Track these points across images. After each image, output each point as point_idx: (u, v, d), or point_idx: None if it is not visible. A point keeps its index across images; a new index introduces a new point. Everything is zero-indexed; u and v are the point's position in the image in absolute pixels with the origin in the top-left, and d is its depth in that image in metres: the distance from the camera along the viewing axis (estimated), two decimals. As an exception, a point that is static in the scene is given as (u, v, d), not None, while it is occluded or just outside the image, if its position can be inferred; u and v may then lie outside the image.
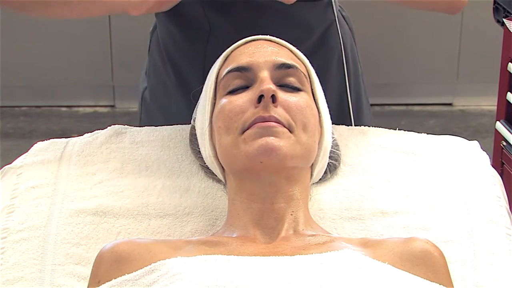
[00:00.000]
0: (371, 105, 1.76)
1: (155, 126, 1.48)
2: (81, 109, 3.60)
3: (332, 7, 1.53)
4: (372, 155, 1.43)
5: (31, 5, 1.39)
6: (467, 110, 3.56)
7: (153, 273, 1.10)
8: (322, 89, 1.35)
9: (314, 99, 1.31)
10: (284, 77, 1.28)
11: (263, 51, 1.30)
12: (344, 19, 1.59)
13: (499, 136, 2.14)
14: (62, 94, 3.60)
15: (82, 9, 1.40)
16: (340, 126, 1.48)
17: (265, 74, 1.26)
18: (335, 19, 1.53)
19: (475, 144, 1.50)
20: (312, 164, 1.29)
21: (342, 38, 1.55)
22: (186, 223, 1.36)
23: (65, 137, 1.51)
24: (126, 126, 1.50)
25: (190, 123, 1.41)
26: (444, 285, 1.14)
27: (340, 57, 1.57)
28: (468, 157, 1.45)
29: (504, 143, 2.11)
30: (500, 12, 2.14)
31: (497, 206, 1.38)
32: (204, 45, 1.51)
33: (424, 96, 3.52)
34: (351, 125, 1.56)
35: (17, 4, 1.39)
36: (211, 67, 1.35)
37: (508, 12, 2.11)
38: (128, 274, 1.12)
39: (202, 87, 1.36)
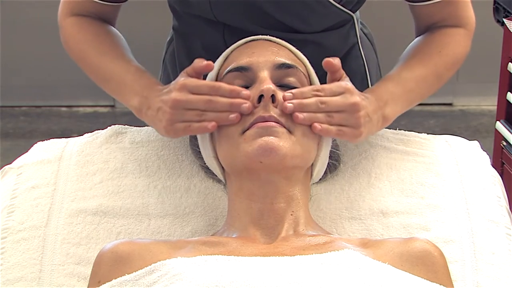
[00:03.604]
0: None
1: None
2: (81, 109, 3.60)
3: (355, 29, 1.49)
4: (372, 155, 1.43)
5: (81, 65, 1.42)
6: (467, 110, 3.55)
7: (153, 273, 1.10)
8: None
9: (314, 99, 1.30)
10: (284, 77, 1.28)
11: (263, 51, 1.30)
12: (367, 36, 1.56)
13: (499, 136, 2.15)
14: (62, 94, 3.60)
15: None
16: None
17: (265, 74, 1.25)
18: (358, 42, 1.51)
19: (475, 144, 1.50)
20: (312, 164, 1.29)
21: (366, 60, 1.52)
22: (186, 223, 1.36)
23: (65, 137, 1.51)
24: (126, 126, 1.50)
25: None
26: (444, 285, 1.14)
27: (364, 79, 1.54)
28: (468, 157, 1.45)
29: (504, 143, 2.12)
30: (500, 12, 2.14)
31: (497, 206, 1.38)
32: None
33: (424, 96, 3.51)
34: None
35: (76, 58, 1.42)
36: None
37: (508, 12, 2.11)
38: (128, 274, 1.12)
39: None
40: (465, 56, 1.42)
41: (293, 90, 1.24)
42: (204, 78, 1.34)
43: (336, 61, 1.26)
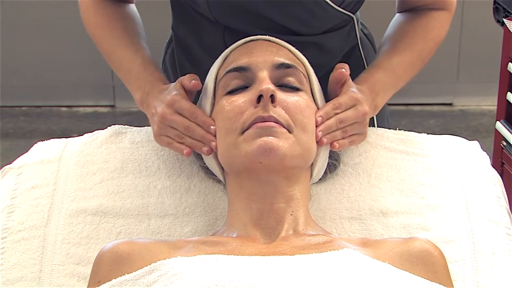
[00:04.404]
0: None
1: None
2: (81, 109, 3.60)
3: (355, 31, 1.50)
4: (372, 155, 1.43)
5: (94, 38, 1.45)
6: (467, 110, 3.55)
7: (153, 273, 1.10)
8: None
9: (314, 99, 1.31)
10: (283, 77, 1.28)
11: (262, 51, 1.30)
12: (367, 37, 1.56)
13: (499, 136, 2.15)
14: (62, 94, 3.60)
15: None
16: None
17: (264, 74, 1.26)
18: (358, 43, 1.51)
19: (475, 144, 1.50)
20: (312, 164, 1.29)
21: (366, 60, 1.53)
22: (186, 223, 1.36)
23: (65, 137, 1.51)
24: (126, 126, 1.50)
25: None
26: (444, 285, 1.14)
27: None
28: (468, 157, 1.45)
29: (504, 143, 2.12)
30: (500, 12, 2.14)
31: (497, 206, 1.38)
32: None
33: (424, 96, 3.51)
34: None
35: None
36: None
37: (508, 12, 2.11)
38: (128, 274, 1.12)
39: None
40: (444, 37, 1.46)
41: (320, 113, 1.28)
42: (204, 76, 1.34)
43: (347, 72, 1.32)
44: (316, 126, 1.27)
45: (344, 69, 1.31)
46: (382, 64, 1.40)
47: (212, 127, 1.27)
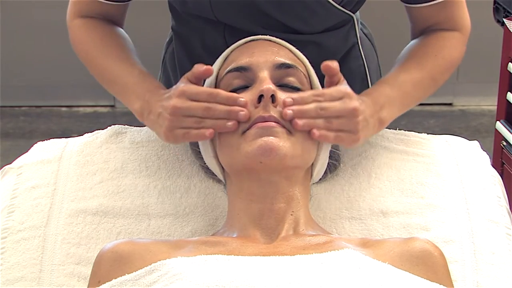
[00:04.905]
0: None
1: None
2: (81, 109, 3.60)
3: (355, 30, 1.49)
4: (372, 155, 1.43)
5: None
6: (467, 110, 3.56)
7: (153, 273, 1.10)
8: None
9: (314, 99, 1.30)
10: (284, 77, 1.28)
11: (262, 51, 1.30)
12: (367, 37, 1.56)
13: (499, 136, 2.15)
14: (62, 94, 3.60)
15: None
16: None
17: (264, 74, 1.25)
18: (357, 42, 1.51)
19: (475, 144, 1.50)
20: (312, 164, 1.29)
21: (366, 60, 1.52)
22: (186, 223, 1.36)
23: (65, 137, 1.51)
24: (126, 126, 1.50)
25: None
26: (444, 285, 1.14)
27: (364, 80, 1.54)
28: (468, 157, 1.45)
29: (504, 143, 2.12)
30: (500, 12, 2.14)
31: (497, 206, 1.38)
32: None
33: (424, 96, 3.51)
34: None
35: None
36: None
37: (508, 12, 2.11)
38: (128, 274, 1.12)
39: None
40: (460, 60, 1.42)
41: (293, 95, 1.23)
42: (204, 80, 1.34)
43: (334, 64, 1.26)
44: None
45: (330, 64, 1.26)
46: (388, 80, 1.36)
47: (240, 99, 1.23)
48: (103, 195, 1.38)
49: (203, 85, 1.33)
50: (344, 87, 1.26)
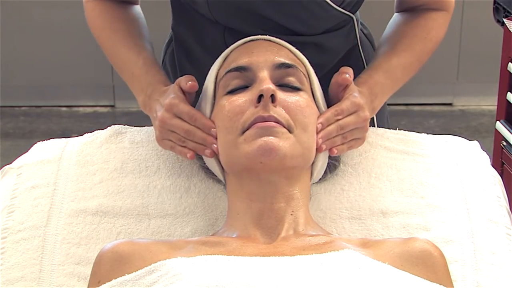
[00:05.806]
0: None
1: None
2: (81, 109, 3.60)
3: (355, 30, 1.50)
4: (372, 155, 1.43)
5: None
6: (467, 110, 3.55)
7: (153, 273, 1.10)
8: None
9: (314, 99, 1.31)
10: (283, 77, 1.28)
11: (262, 51, 1.30)
12: (367, 37, 1.56)
13: (499, 136, 2.15)
14: (62, 94, 3.60)
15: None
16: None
17: (264, 74, 1.26)
18: (358, 43, 1.51)
19: (475, 144, 1.50)
20: (312, 164, 1.29)
21: (365, 60, 1.52)
22: (186, 223, 1.36)
23: (65, 137, 1.51)
24: (126, 126, 1.50)
25: None
26: (444, 285, 1.14)
27: None
28: (468, 157, 1.45)
29: (504, 143, 2.12)
30: (500, 12, 2.14)
31: (497, 206, 1.38)
32: None
33: (424, 96, 3.51)
34: None
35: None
36: None
37: (508, 12, 2.11)
38: (128, 274, 1.12)
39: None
40: (442, 38, 1.46)
41: (320, 119, 1.28)
42: (204, 76, 1.34)
43: (351, 78, 1.32)
44: (317, 133, 1.27)
45: (348, 74, 1.31)
46: (381, 66, 1.40)
47: (212, 129, 1.27)
48: (103, 195, 1.38)
49: (200, 85, 1.33)
50: (358, 100, 1.31)
